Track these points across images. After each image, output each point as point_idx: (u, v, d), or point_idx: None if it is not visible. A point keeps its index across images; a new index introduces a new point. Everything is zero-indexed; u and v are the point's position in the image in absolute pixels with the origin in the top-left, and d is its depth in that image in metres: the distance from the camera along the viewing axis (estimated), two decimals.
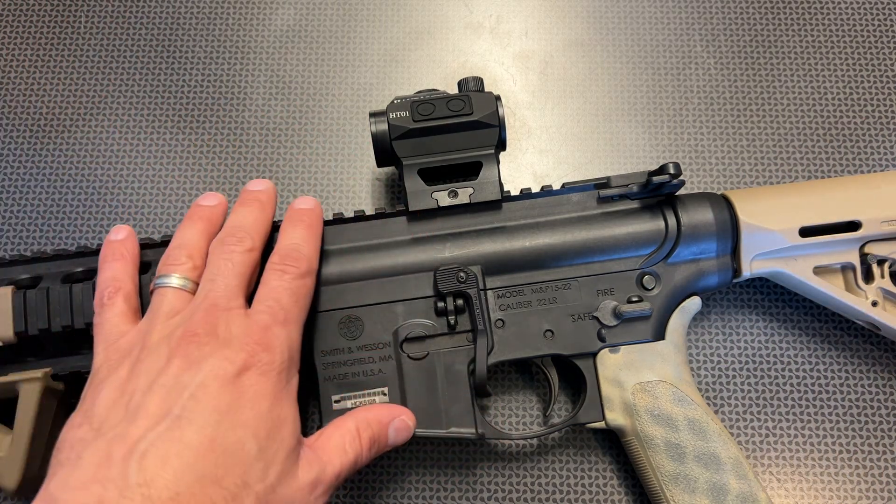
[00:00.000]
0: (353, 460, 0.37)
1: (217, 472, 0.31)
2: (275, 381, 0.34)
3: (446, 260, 0.43)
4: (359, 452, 0.37)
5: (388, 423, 0.39)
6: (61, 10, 0.56)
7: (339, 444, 0.37)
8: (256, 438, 0.33)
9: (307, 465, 0.35)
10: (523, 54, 0.56)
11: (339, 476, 0.36)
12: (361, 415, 0.38)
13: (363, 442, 0.37)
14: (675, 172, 0.42)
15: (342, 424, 0.38)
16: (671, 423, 0.41)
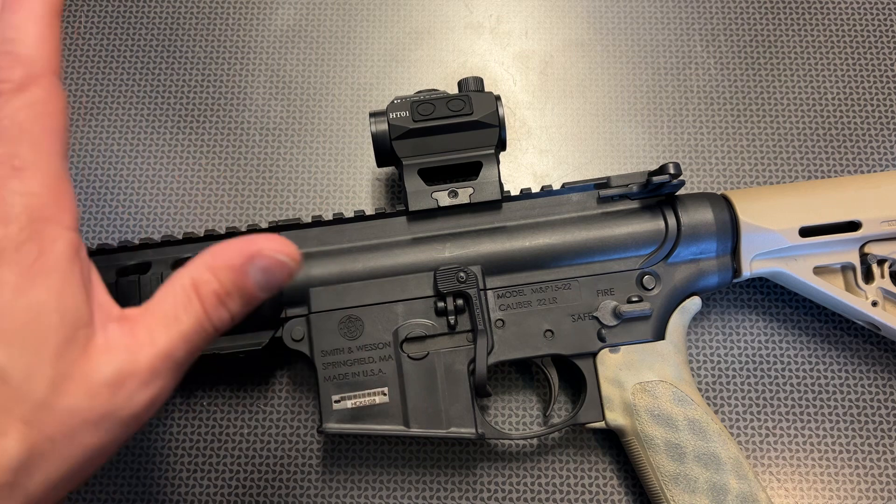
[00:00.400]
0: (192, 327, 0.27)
1: None
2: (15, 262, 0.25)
3: (446, 260, 0.43)
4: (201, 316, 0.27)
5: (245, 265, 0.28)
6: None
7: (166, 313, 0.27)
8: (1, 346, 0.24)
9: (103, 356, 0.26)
10: (523, 54, 0.56)
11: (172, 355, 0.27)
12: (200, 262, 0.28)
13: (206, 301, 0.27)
14: (675, 172, 0.42)
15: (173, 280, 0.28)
16: (671, 423, 0.41)
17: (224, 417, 0.47)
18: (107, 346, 0.26)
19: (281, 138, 0.53)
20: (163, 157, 0.53)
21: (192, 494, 0.46)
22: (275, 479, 0.46)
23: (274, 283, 0.29)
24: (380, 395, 0.41)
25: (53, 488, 0.26)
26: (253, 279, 0.28)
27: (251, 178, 0.52)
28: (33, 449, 0.25)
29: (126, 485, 0.46)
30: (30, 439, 0.24)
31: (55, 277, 0.25)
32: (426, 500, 0.46)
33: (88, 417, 0.25)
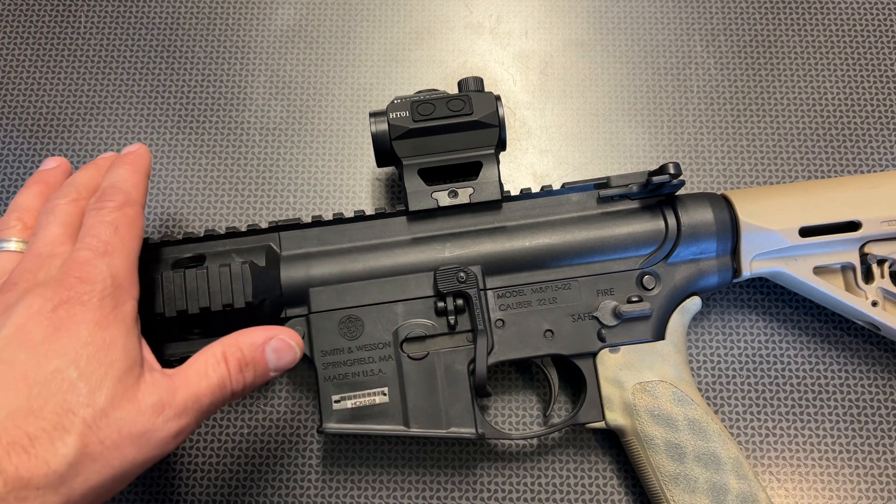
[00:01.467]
0: (217, 384, 0.35)
1: (33, 404, 0.30)
2: (96, 308, 0.33)
3: (446, 260, 0.43)
4: (224, 376, 0.36)
5: (263, 345, 0.37)
6: (61, 10, 0.56)
7: (200, 370, 0.35)
8: (76, 364, 0.32)
9: (150, 387, 0.34)
10: (523, 54, 0.56)
11: (199, 400, 0.35)
12: (232, 338, 0.37)
13: (230, 366, 0.36)
14: (675, 172, 0.42)
15: (207, 349, 0.37)
16: (671, 423, 0.41)
17: (224, 417, 0.47)
18: (152, 383, 0.34)
19: (281, 138, 0.53)
20: (163, 157, 0.53)
21: (192, 494, 0.46)
22: (275, 479, 0.46)
23: (282, 362, 0.38)
24: (380, 395, 0.41)
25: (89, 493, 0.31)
26: (267, 357, 0.37)
27: (251, 178, 0.52)
28: (86, 448, 0.31)
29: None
30: (86, 439, 0.31)
31: (122, 326, 0.34)
32: (426, 500, 0.46)
33: (133, 431, 0.32)
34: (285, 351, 0.38)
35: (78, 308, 0.33)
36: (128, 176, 0.40)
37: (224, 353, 0.36)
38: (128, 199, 0.38)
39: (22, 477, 0.29)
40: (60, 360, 0.32)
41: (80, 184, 0.40)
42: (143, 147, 0.43)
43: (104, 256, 0.35)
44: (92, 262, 0.35)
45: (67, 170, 0.44)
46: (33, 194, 0.42)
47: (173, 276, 0.41)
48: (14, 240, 0.39)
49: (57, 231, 0.37)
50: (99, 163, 0.43)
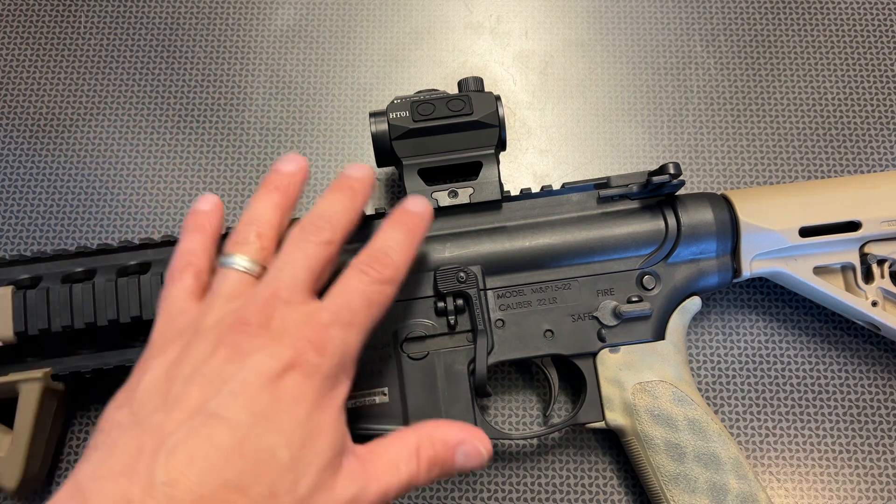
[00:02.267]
0: (406, 480, 0.33)
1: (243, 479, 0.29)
2: (318, 386, 0.32)
3: (446, 260, 0.43)
4: (414, 473, 0.34)
5: (456, 447, 0.35)
6: (61, 10, 0.56)
7: (392, 461, 0.33)
8: (289, 447, 0.30)
9: (347, 479, 0.32)
10: (523, 54, 0.56)
11: (387, 495, 0.33)
12: (427, 431, 0.35)
13: (421, 462, 0.34)
14: (675, 172, 0.42)
15: (402, 437, 0.34)
16: (671, 423, 0.41)
17: None
18: (349, 473, 0.32)
19: (281, 138, 0.53)
20: (163, 157, 0.53)
21: None
22: None
23: (468, 466, 0.35)
24: (380, 394, 0.41)
25: None
26: (456, 458, 0.35)
27: (251, 178, 0.52)
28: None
29: None
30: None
31: (335, 411, 0.33)
32: (426, 500, 0.46)
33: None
34: (474, 457, 0.35)
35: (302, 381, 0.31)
36: (405, 247, 0.36)
37: (418, 448, 0.34)
38: (395, 276, 0.35)
39: None
40: (276, 439, 0.30)
41: (336, 220, 0.36)
42: (428, 209, 0.38)
43: (345, 329, 0.33)
44: (330, 329, 0.32)
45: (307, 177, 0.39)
46: (272, 206, 0.37)
47: None
48: (242, 256, 0.35)
49: (302, 276, 0.34)
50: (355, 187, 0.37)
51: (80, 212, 0.51)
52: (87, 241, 0.51)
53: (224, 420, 0.29)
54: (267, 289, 0.33)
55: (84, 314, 0.41)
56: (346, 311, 0.33)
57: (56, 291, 0.41)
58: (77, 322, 0.41)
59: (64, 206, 0.52)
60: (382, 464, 0.33)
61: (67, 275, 0.42)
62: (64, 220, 0.51)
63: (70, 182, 0.52)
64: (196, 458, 0.28)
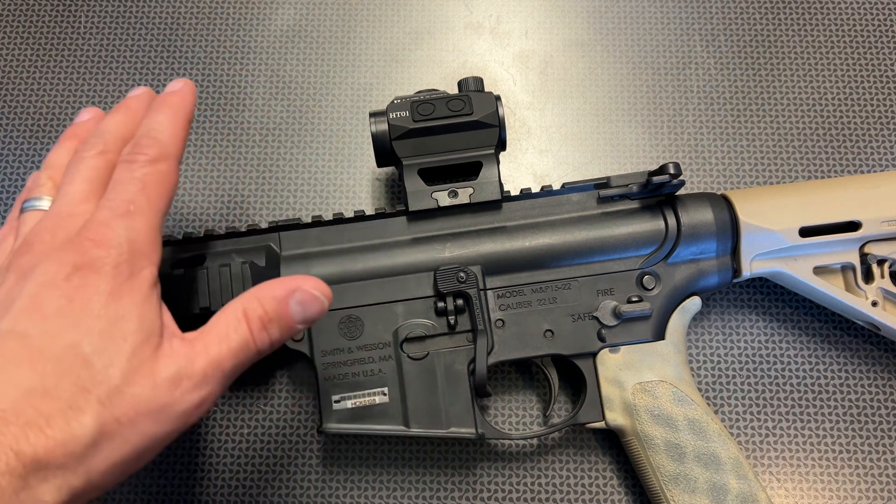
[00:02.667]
0: (239, 346, 0.33)
1: (47, 382, 0.29)
2: (110, 277, 0.31)
3: (446, 260, 0.43)
4: (246, 336, 0.33)
5: (287, 298, 0.34)
6: (61, 10, 0.56)
7: (220, 332, 0.33)
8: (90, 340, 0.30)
9: (167, 359, 0.31)
10: (523, 54, 0.56)
11: (221, 365, 0.32)
12: (252, 293, 0.34)
13: (252, 324, 0.33)
14: (675, 172, 0.42)
15: (227, 308, 0.34)
16: (671, 423, 0.41)
17: (224, 417, 0.47)
18: (171, 352, 0.32)
19: (281, 138, 0.53)
20: None
21: (193, 494, 0.46)
22: (275, 479, 0.46)
23: (309, 315, 0.34)
24: (380, 395, 0.41)
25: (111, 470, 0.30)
26: (292, 310, 0.34)
27: (251, 178, 0.52)
28: (103, 428, 0.29)
29: (126, 484, 0.46)
30: (102, 418, 0.29)
31: (138, 295, 0.32)
32: (426, 500, 0.46)
33: (150, 407, 0.30)
34: (311, 303, 0.34)
35: (92, 276, 0.31)
36: (167, 124, 0.36)
37: (245, 311, 0.33)
38: (163, 152, 0.35)
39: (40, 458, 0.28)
40: (73, 335, 0.30)
41: (108, 133, 0.37)
42: (188, 85, 0.38)
43: (125, 218, 0.33)
44: (110, 223, 0.32)
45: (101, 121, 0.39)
46: (66, 151, 0.38)
47: (173, 277, 0.41)
48: (46, 198, 0.36)
49: (80, 188, 0.34)
50: (131, 104, 0.38)
51: None
52: None
53: (15, 334, 0.30)
54: (50, 212, 0.34)
55: None
56: (122, 202, 0.33)
57: None
58: None
59: None
60: (210, 339, 0.33)
61: None
62: None
63: None
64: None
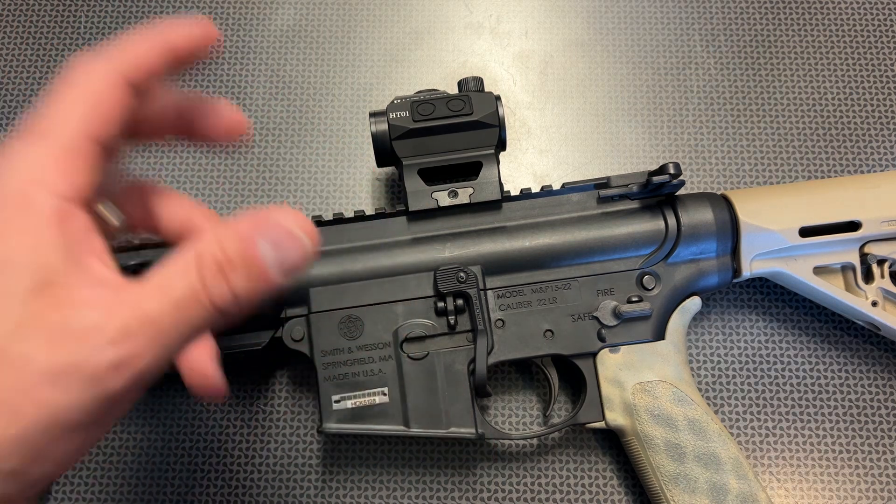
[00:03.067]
0: (185, 295, 0.25)
1: None
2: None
3: (446, 260, 0.43)
4: (195, 285, 0.25)
5: (252, 236, 0.26)
6: (61, 10, 0.56)
7: (161, 281, 0.26)
8: None
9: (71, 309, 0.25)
10: (523, 54, 0.56)
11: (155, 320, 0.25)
12: (213, 232, 0.26)
13: (205, 269, 0.25)
14: (675, 172, 0.42)
15: (181, 250, 0.26)
16: (671, 423, 0.41)
17: (224, 417, 0.47)
18: (82, 302, 0.25)
19: (281, 138, 0.53)
20: (162, 157, 0.53)
21: (193, 494, 0.46)
22: (275, 479, 0.46)
23: (286, 259, 0.26)
24: (380, 395, 0.41)
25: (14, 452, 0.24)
26: (262, 251, 0.26)
27: (251, 178, 0.52)
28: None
29: (126, 485, 0.46)
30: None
31: (30, 235, 0.25)
32: (426, 500, 0.46)
33: (45, 368, 0.24)
34: (287, 242, 0.26)
35: None
36: None
37: (199, 254, 0.26)
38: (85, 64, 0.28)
39: None
40: None
41: None
42: None
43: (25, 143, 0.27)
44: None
45: None
46: None
47: None
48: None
49: None
50: None
51: None
52: None
53: None
54: None
55: None
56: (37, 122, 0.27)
57: None
58: None
59: None
60: (148, 286, 0.26)
61: None
62: None
63: None
64: None
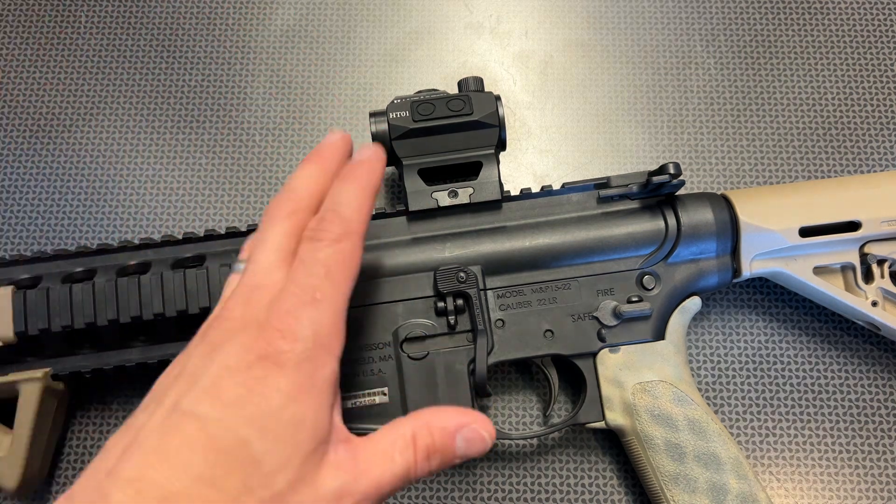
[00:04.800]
0: (401, 472, 0.32)
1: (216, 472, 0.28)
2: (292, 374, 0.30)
3: (446, 260, 0.43)
4: (411, 463, 0.32)
5: (455, 433, 0.33)
6: (61, 10, 0.56)
7: (385, 451, 0.32)
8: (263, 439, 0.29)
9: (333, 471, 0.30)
10: (523, 54, 0.56)
11: (381, 488, 0.31)
12: (424, 419, 0.33)
13: (418, 451, 0.32)
14: (674, 172, 0.42)
15: (397, 427, 0.33)
16: (671, 423, 0.41)
17: None
18: (336, 464, 0.31)
19: (281, 138, 0.53)
20: (163, 157, 0.53)
21: None
22: None
23: (471, 452, 0.33)
24: (380, 395, 0.41)
25: None
26: (457, 445, 0.33)
27: (251, 178, 0.52)
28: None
29: None
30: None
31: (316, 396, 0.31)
32: (426, 499, 0.46)
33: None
34: (476, 442, 0.33)
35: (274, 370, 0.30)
36: (353, 197, 0.34)
37: (414, 436, 0.32)
38: (347, 229, 0.33)
39: None
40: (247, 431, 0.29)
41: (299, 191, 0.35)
42: (377, 152, 0.36)
43: (310, 306, 0.31)
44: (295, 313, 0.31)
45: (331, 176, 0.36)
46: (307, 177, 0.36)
47: (173, 277, 0.41)
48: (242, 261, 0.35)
49: (270, 258, 0.33)
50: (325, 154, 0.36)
51: (80, 212, 0.51)
52: (87, 241, 0.51)
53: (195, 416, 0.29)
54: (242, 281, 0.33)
55: (84, 314, 0.41)
56: (308, 289, 0.32)
57: (56, 291, 0.41)
58: (77, 322, 0.41)
59: (64, 206, 0.52)
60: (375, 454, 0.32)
61: (67, 275, 0.42)
62: (64, 220, 0.51)
63: (70, 182, 0.52)
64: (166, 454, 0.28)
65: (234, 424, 0.29)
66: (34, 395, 0.41)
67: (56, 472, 0.46)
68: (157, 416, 0.29)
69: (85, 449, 0.47)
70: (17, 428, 0.41)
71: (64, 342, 0.42)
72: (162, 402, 0.30)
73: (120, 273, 0.42)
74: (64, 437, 0.47)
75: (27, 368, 0.42)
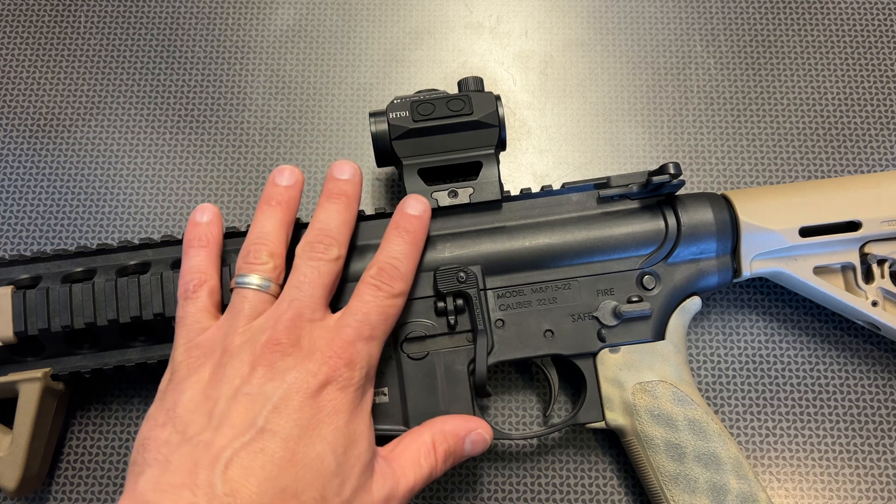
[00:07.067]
0: (427, 474, 0.37)
1: (297, 485, 0.32)
2: (352, 397, 0.35)
3: (446, 260, 0.43)
4: (433, 466, 0.37)
5: (465, 437, 0.39)
6: (61, 10, 0.56)
7: (413, 458, 0.37)
8: (335, 453, 0.33)
9: (382, 479, 0.35)
10: (523, 54, 0.56)
11: (413, 490, 0.37)
12: (438, 427, 0.39)
13: (438, 455, 0.38)
14: (675, 172, 0.42)
15: (418, 437, 0.38)
16: (671, 423, 0.41)
17: None
18: (381, 473, 0.36)
19: (281, 138, 0.53)
20: (163, 157, 0.53)
21: None
22: None
23: (475, 452, 0.40)
24: (380, 395, 0.41)
25: None
26: (465, 447, 0.39)
27: (251, 178, 0.52)
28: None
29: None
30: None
31: (367, 418, 0.36)
32: (426, 499, 0.46)
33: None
34: (480, 443, 0.39)
35: (338, 394, 0.35)
36: (410, 255, 0.39)
37: (434, 443, 0.38)
38: (406, 287, 0.39)
39: None
40: (322, 447, 0.33)
41: (337, 234, 0.39)
42: (427, 211, 0.41)
43: (368, 342, 0.36)
44: (356, 344, 0.36)
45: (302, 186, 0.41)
46: (276, 222, 0.39)
47: (173, 277, 0.41)
48: (257, 276, 0.37)
49: (319, 293, 0.37)
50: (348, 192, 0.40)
51: (80, 212, 0.51)
52: (87, 241, 0.51)
53: (274, 433, 0.32)
54: (290, 308, 0.36)
55: (84, 314, 0.41)
56: (367, 326, 0.36)
57: (56, 291, 0.41)
58: (77, 322, 0.41)
59: (64, 206, 0.52)
60: (406, 462, 0.37)
61: (67, 275, 0.42)
62: (64, 220, 0.51)
63: (70, 182, 0.52)
64: (253, 469, 0.31)
65: (309, 441, 0.33)
66: (34, 395, 0.41)
67: (56, 472, 0.46)
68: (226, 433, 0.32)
69: (85, 449, 0.47)
70: (16, 428, 0.41)
71: (64, 342, 0.42)
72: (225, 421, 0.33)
73: (120, 273, 0.42)
74: (64, 437, 0.47)
75: (27, 368, 0.42)
